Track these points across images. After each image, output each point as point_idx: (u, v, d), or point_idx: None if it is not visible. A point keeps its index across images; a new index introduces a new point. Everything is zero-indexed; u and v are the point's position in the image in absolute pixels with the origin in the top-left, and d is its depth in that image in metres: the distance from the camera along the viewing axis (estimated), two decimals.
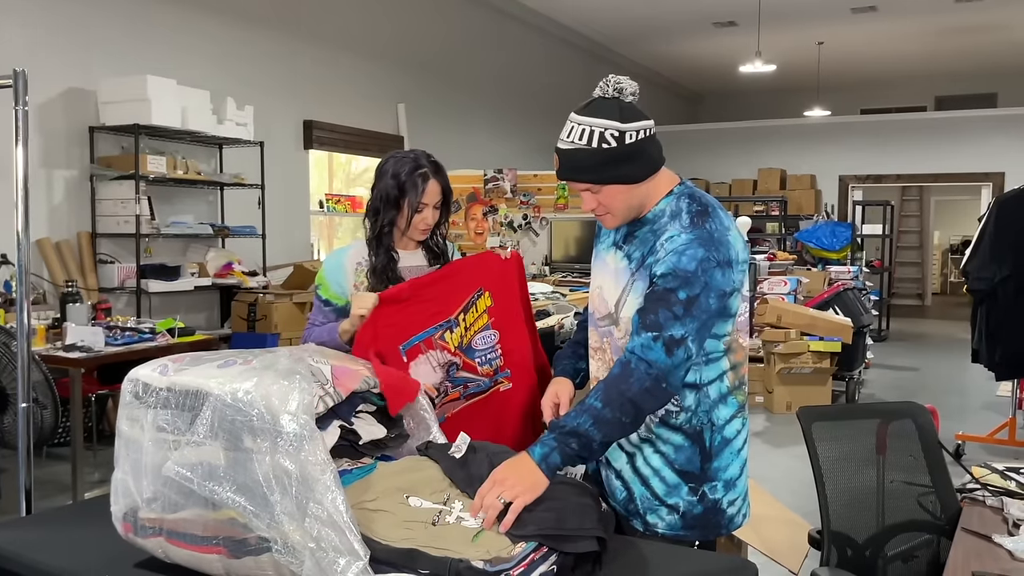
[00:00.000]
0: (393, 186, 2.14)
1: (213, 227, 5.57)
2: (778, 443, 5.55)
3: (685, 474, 1.74)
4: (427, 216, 2.17)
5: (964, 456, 5.08)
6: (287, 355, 1.57)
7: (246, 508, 1.37)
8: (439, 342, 2.09)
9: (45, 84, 4.82)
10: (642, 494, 1.77)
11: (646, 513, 1.77)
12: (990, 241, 4.60)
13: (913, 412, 2.20)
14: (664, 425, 1.74)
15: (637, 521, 1.78)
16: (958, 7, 9.47)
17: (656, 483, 1.76)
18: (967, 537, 1.82)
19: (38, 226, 4.79)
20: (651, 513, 1.77)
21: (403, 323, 2.05)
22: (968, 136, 11.52)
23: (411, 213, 2.14)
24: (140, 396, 1.50)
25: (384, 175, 2.17)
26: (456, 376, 2.12)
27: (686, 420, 1.73)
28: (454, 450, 1.63)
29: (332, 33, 6.97)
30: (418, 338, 2.07)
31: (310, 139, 6.77)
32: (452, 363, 2.11)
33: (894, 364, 8.68)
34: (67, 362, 3.78)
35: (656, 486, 1.76)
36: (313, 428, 1.38)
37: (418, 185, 2.13)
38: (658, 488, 1.76)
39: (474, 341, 2.13)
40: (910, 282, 15.71)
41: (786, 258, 8.83)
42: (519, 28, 9.61)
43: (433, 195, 2.16)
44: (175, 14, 5.59)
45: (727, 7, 9.62)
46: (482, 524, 1.44)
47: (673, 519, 1.76)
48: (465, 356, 2.12)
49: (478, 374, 2.13)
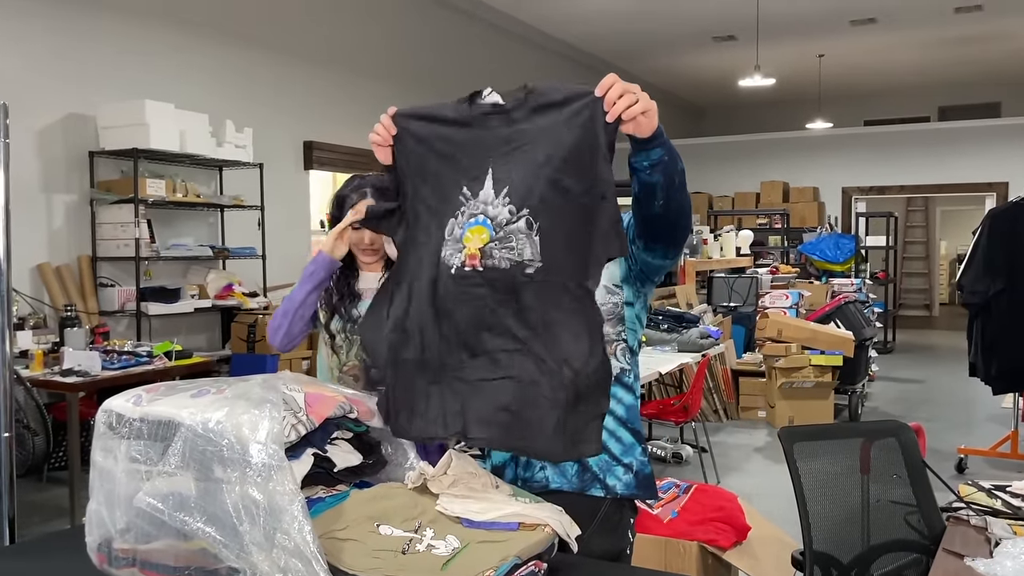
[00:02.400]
0: (334, 203, 2.15)
1: (213, 249, 5.61)
2: (780, 459, 5.50)
3: (637, 433, 1.79)
4: (364, 234, 2.08)
5: (967, 470, 5.05)
6: (260, 383, 1.57)
7: (216, 538, 1.38)
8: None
9: (45, 110, 4.88)
10: (598, 458, 1.76)
11: (604, 476, 1.77)
12: (984, 254, 4.59)
13: (896, 431, 2.19)
14: (619, 383, 1.76)
15: (596, 487, 1.77)
16: (958, 17, 9.48)
17: (613, 444, 1.77)
18: (947, 558, 1.81)
19: (39, 250, 4.84)
20: (609, 475, 1.77)
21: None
22: (971, 146, 11.50)
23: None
24: (114, 427, 1.51)
25: (336, 193, 2.18)
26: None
27: (632, 379, 1.78)
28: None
29: (330, 53, 7.03)
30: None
31: (310, 159, 6.82)
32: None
33: (899, 376, 8.64)
34: (64, 386, 3.81)
35: (613, 447, 1.77)
36: (282, 457, 1.39)
37: (352, 200, 2.08)
38: (615, 448, 1.77)
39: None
40: (917, 293, 15.65)
41: (788, 271, 8.82)
42: (520, 45, 9.67)
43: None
44: (173, 38, 5.65)
45: (726, 22, 9.66)
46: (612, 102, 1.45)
47: (629, 478, 1.77)
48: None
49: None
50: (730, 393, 6.79)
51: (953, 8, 9.14)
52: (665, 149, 1.57)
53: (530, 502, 1.59)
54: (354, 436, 1.72)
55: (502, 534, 1.49)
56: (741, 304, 7.78)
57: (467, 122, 1.69)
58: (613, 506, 1.78)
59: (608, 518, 1.77)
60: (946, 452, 5.24)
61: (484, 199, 1.61)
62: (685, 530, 2.87)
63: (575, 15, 9.29)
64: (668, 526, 2.89)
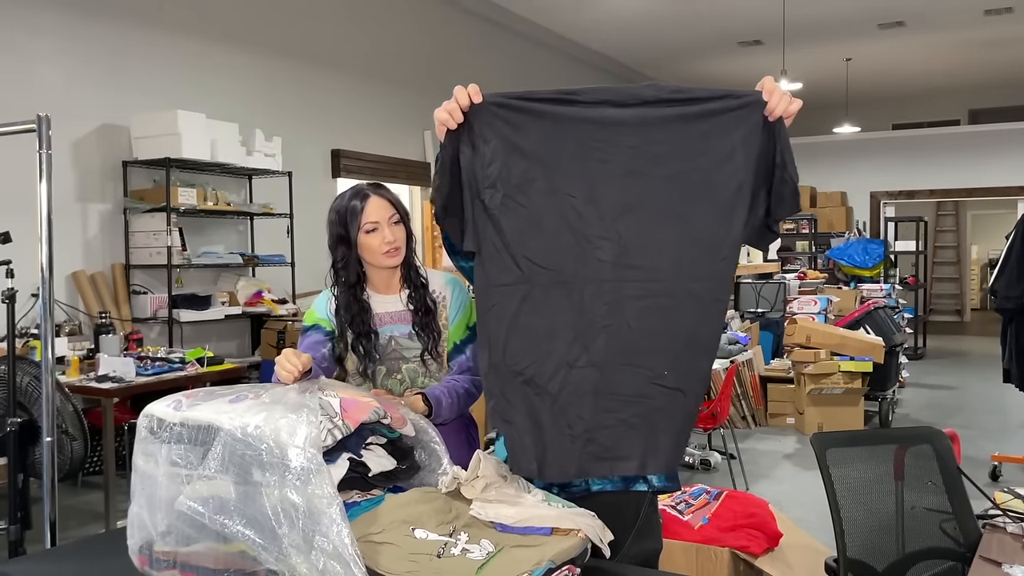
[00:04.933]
0: (336, 221, 2.04)
1: (243, 256, 5.67)
2: (808, 465, 5.48)
3: None
4: (384, 234, 2.01)
5: (1001, 477, 4.98)
6: (296, 389, 1.60)
7: (255, 541, 1.40)
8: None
9: (80, 121, 4.97)
10: None
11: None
12: (1018, 258, 4.54)
13: (931, 437, 2.17)
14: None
15: (639, 483, 1.76)
16: (988, 19, 9.37)
17: None
18: (984, 565, 1.80)
19: (74, 259, 4.92)
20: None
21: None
22: (1002, 149, 11.36)
23: (359, 236, 2.00)
24: (155, 431, 1.54)
25: (328, 217, 2.07)
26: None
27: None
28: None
29: (357, 63, 7.09)
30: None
31: (338, 168, 6.88)
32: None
33: (930, 383, 8.54)
34: (99, 392, 3.87)
35: None
36: (320, 462, 1.41)
37: (357, 207, 2.01)
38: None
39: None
40: (948, 298, 15.44)
41: (816, 276, 8.75)
42: (547, 54, 9.69)
43: (380, 210, 2.02)
44: (204, 50, 5.74)
45: (752, 27, 9.62)
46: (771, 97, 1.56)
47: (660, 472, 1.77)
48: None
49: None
50: (758, 399, 6.74)
51: (983, 10, 9.04)
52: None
53: (563, 507, 1.59)
54: (388, 441, 1.74)
55: (536, 539, 1.50)
56: (769, 310, 7.73)
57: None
58: (651, 505, 1.78)
59: (649, 517, 1.78)
60: (980, 459, 5.17)
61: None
62: (716, 536, 2.86)
63: (601, 22, 9.29)
64: (699, 532, 2.88)
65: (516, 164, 1.55)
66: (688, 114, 1.57)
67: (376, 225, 2.01)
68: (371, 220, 2.01)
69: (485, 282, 1.59)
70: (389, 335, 2.08)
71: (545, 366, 1.57)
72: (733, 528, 2.90)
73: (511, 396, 1.58)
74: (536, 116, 1.56)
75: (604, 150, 1.55)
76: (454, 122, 1.56)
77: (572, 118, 1.56)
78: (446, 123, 1.57)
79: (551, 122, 1.56)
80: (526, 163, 1.56)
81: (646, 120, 1.56)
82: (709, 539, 2.86)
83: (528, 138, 1.56)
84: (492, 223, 1.56)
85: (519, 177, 1.56)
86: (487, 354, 1.59)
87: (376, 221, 2.01)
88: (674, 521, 2.92)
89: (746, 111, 1.57)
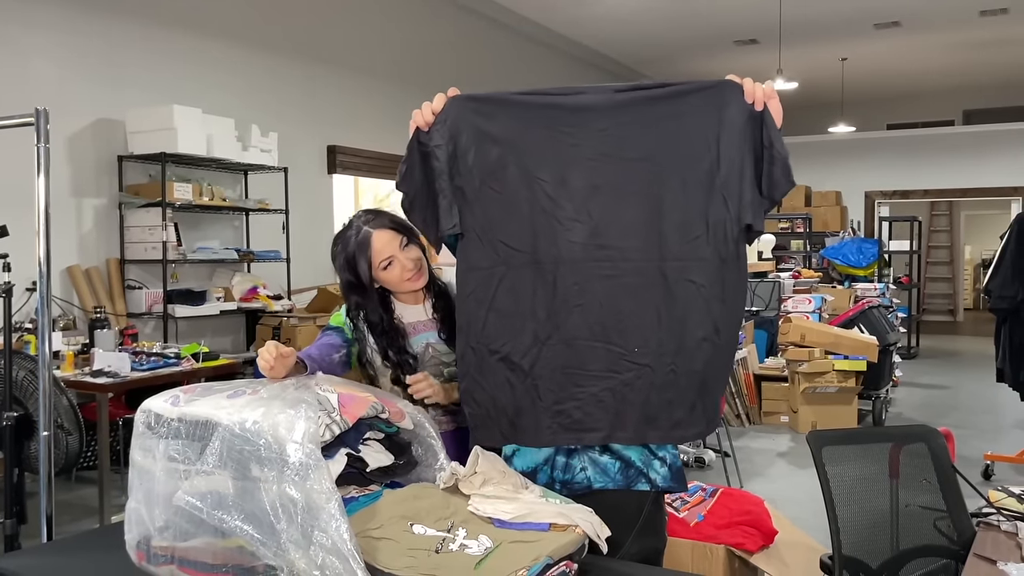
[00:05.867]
0: (344, 266, 1.96)
1: (238, 252, 5.66)
2: (802, 464, 5.49)
3: None
4: (401, 263, 1.95)
5: (994, 476, 5.01)
6: (295, 384, 1.60)
7: (253, 536, 1.40)
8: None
9: (76, 116, 4.95)
10: (639, 453, 1.78)
11: (647, 470, 1.78)
12: (1012, 259, 4.56)
13: (926, 436, 2.18)
14: None
15: (641, 482, 1.78)
16: (983, 20, 9.40)
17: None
18: (978, 563, 1.81)
19: (69, 254, 4.91)
20: (650, 469, 1.79)
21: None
22: (997, 150, 11.39)
23: (375, 274, 1.94)
24: (152, 427, 1.54)
25: (336, 263, 1.99)
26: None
27: None
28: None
29: (354, 59, 7.08)
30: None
31: (334, 164, 6.87)
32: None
33: (924, 382, 8.56)
34: (94, 387, 3.86)
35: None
36: (319, 457, 1.42)
37: (365, 249, 1.94)
38: (652, 443, 1.78)
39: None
40: (941, 298, 15.49)
41: (811, 276, 8.77)
42: (543, 50, 9.69)
43: (388, 243, 1.95)
44: (200, 44, 5.72)
45: (748, 25, 9.63)
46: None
47: (665, 471, 1.80)
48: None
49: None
50: (752, 398, 6.76)
51: (978, 11, 9.06)
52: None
53: (560, 503, 1.60)
54: (385, 437, 1.74)
55: (533, 535, 1.51)
56: (763, 309, 7.74)
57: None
58: (655, 503, 1.79)
59: (652, 516, 1.78)
60: (973, 458, 5.19)
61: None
62: (712, 534, 2.86)
63: (597, 19, 9.29)
64: (695, 529, 2.88)
65: (489, 151, 1.62)
66: (657, 96, 1.63)
67: (390, 259, 1.95)
68: (383, 257, 1.95)
69: (465, 266, 1.65)
70: (425, 342, 2.06)
71: (519, 343, 1.63)
72: (729, 525, 2.91)
73: (485, 373, 1.63)
74: (506, 105, 1.63)
75: (574, 134, 1.61)
76: (426, 124, 1.66)
77: (542, 104, 1.62)
78: (418, 123, 1.68)
79: (521, 109, 1.63)
80: (499, 149, 1.62)
81: (615, 104, 1.62)
82: (705, 536, 2.87)
83: (499, 125, 1.62)
84: (470, 210, 1.62)
85: (493, 163, 1.62)
86: (464, 337, 1.65)
87: (389, 256, 1.95)
88: (670, 518, 2.93)
89: (715, 91, 1.61)
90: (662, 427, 1.66)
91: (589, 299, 1.61)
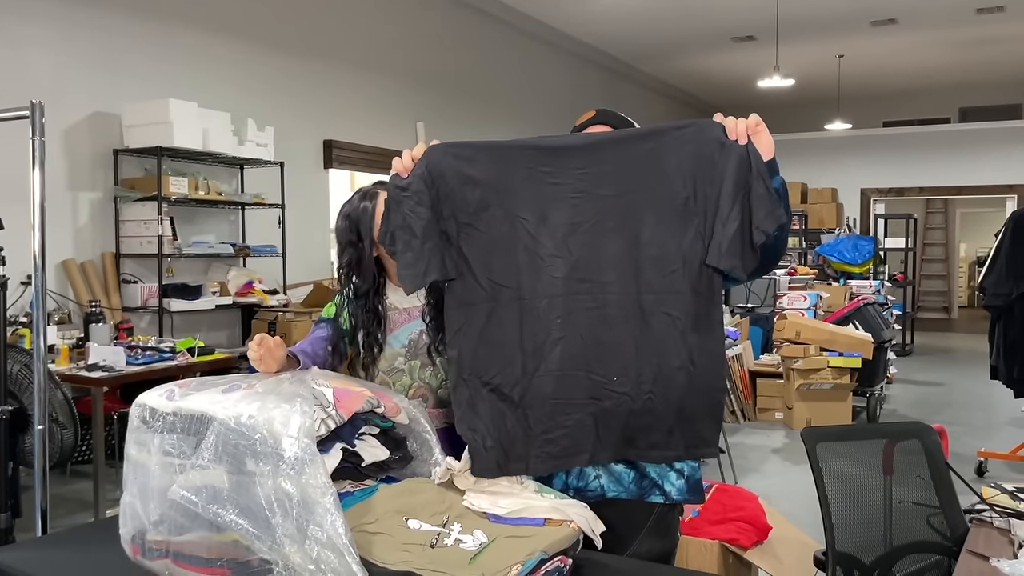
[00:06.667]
0: (346, 227, 2.00)
1: (234, 246, 5.65)
2: (796, 460, 5.51)
3: None
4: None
5: (987, 473, 5.03)
6: (290, 379, 1.60)
7: (248, 531, 1.40)
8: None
9: (71, 109, 4.93)
10: (656, 465, 1.78)
11: (662, 481, 1.79)
12: (1007, 256, 4.57)
13: (920, 432, 2.19)
14: None
15: (655, 494, 1.79)
16: (980, 18, 9.41)
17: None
18: (971, 559, 1.81)
19: (64, 247, 4.90)
20: (665, 480, 1.79)
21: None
22: (992, 148, 11.42)
23: (375, 238, 1.91)
24: (147, 421, 1.54)
25: (337, 223, 2.03)
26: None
27: None
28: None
29: (350, 53, 7.06)
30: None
31: (330, 158, 6.86)
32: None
33: (918, 379, 8.59)
34: (89, 381, 3.86)
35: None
36: (314, 451, 1.42)
37: (369, 208, 1.98)
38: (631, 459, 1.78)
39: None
40: (936, 295, 15.54)
41: (807, 272, 8.79)
42: (538, 46, 9.68)
43: None
44: (196, 39, 5.70)
45: (745, 22, 9.64)
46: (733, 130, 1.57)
47: (681, 483, 1.80)
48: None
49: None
50: (748, 394, 6.78)
51: (975, 9, 9.08)
52: (781, 180, 1.64)
53: (555, 498, 1.61)
54: (380, 431, 1.75)
55: (528, 529, 1.51)
56: (759, 305, 7.76)
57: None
58: (667, 509, 1.80)
59: (662, 519, 1.80)
60: (966, 455, 5.21)
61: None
62: (706, 529, 2.87)
63: (594, 16, 9.28)
64: (689, 525, 2.89)
65: (471, 194, 1.66)
66: (635, 135, 1.69)
67: None
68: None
69: (455, 303, 1.69)
70: (419, 329, 2.07)
71: (508, 375, 1.67)
72: (723, 521, 2.91)
73: (478, 404, 1.67)
74: (485, 149, 1.68)
75: (553, 173, 1.66)
76: (405, 170, 1.67)
77: (520, 147, 1.68)
78: (398, 169, 1.69)
79: (501, 152, 1.68)
80: (480, 191, 1.66)
81: (593, 143, 1.69)
82: (699, 532, 2.88)
83: (480, 168, 1.67)
84: (456, 250, 1.67)
85: (475, 205, 1.67)
86: (457, 368, 1.69)
87: None
88: None
89: (695, 129, 1.64)
90: (640, 447, 1.70)
91: (571, 331, 1.66)
